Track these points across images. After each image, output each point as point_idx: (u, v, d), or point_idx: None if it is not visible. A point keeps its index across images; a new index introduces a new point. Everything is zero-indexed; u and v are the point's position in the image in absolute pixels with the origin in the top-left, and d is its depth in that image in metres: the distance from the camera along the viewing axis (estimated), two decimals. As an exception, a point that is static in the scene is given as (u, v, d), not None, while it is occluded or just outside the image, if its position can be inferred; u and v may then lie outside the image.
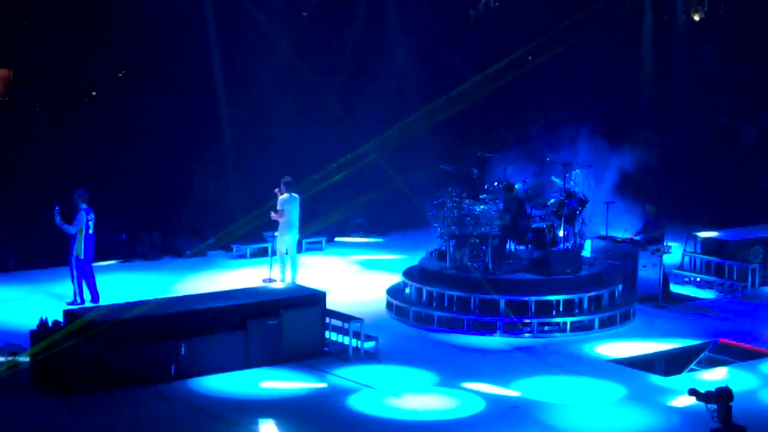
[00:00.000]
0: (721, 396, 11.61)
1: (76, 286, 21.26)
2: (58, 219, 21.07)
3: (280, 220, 22.77)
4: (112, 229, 25.61)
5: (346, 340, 18.61)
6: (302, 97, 29.14)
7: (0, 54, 26.06)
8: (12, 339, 18.24)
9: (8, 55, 26.07)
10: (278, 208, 22.77)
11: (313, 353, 18.36)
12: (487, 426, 15.67)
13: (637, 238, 22.96)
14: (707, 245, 24.58)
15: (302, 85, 29.21)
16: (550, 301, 20.44)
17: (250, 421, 15.67)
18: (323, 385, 17.24)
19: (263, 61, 29.00)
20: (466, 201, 22.02)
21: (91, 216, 21.27)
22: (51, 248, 23.65)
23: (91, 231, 21.28)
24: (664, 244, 22.77)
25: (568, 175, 24.87)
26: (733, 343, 19.87)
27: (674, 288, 23.45)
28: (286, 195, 22.76)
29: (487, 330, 20.09)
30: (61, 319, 17.22)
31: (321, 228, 27.33)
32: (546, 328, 20.21)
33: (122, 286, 22.76)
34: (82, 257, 21.18)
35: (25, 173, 25.31)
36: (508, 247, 21.73)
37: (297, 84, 29.23)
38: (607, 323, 20.59)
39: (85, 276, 21.33)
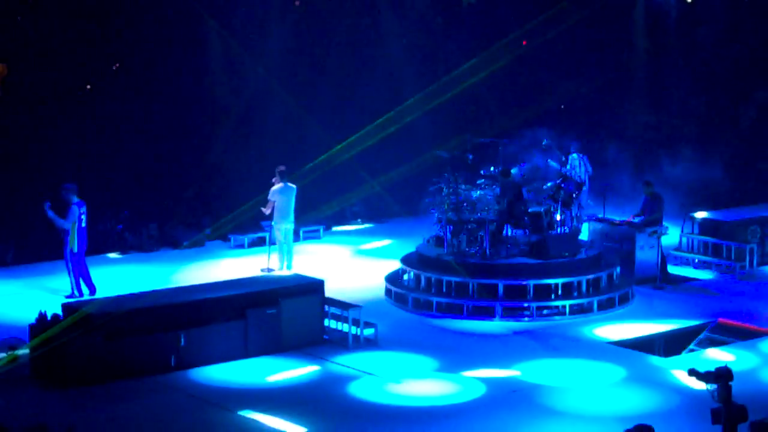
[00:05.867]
0: (721, 376, 11.56)
1: (74, 280, 21.22)
2: (51, 214, 20.93)
3: (267, 211, 22.65)
4: (110, 221, 25.62)
5: (345, 327, 18.61)
6: (296, 87, 29.07)
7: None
8: (11, 333, 18.23)
9: (2, 50, 26.01)
10: (269, 198, 22.67)
11: (313, 341, 18.37)
12: (487, 410, 15.68)
13: (636, 220, 22.92)
14: (704, 226, 24.52)
15: (296, 75, 29.19)
16: (549, 285, 20.47)
17: (251, 409, 15.67)
18: (323, 372, 17.27)
19: (257, 52, 28.95)
20: (463, 186, 22.02)
21: (83, 209, 21.20)
22: (49, 243, 23.58)
23: (83, 224, 21.22)
24: (662, 225, 22.75)
25: (564, 158, 24.91)
26: (733, 322, 19.89)
27: (672, 269, 23.44)
28: (280, 184, 22.70)
29: (486, 314, 20.11)
30: (60, 312, 17.22)
31: (319, 217, 27.31)
32: (545, 311, 20.24)
33: (120, 278, 22.73)
34: (76, 251, 21.15)
35: (21, 168, 25.22)
36: (505, 231, 21.72)
37: (291, 74, 29.21)
38: (606, 305, 20.59)
39: (80, 269, 21.30)
